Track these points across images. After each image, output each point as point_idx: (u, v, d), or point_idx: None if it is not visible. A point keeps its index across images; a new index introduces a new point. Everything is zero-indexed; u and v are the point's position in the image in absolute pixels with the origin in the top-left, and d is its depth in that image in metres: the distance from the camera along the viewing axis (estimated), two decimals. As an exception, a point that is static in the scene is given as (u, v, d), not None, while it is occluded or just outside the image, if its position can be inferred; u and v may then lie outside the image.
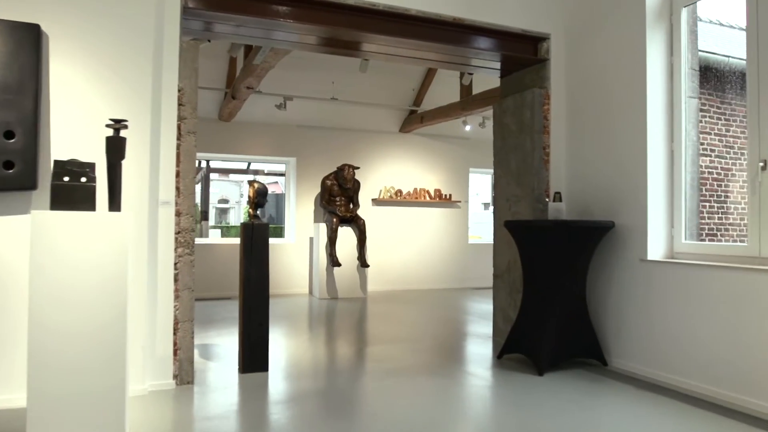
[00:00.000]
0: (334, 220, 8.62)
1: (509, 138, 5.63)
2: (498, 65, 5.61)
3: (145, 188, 3.86)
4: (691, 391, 3.94)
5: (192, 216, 4.09)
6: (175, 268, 4.00)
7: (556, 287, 4.56)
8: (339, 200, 8.90)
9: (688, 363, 4.00)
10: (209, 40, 5.84)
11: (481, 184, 17.14)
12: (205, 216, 11.00)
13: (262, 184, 4.54)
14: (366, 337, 6.19)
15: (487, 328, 6.37)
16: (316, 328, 6.65)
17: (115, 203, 3.03)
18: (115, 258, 2.81)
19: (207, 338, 5.73)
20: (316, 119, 9.38)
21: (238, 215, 38.12)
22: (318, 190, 9.22)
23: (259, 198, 4.45)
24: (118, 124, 3.05)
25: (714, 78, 6.41)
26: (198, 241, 9.11)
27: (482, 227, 14.36)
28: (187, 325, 4.05)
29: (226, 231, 23.81)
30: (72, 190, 2.87)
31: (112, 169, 3.02)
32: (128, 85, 3.82)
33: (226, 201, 39.62)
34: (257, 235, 4.39)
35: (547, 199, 5.17)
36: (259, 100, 8.63)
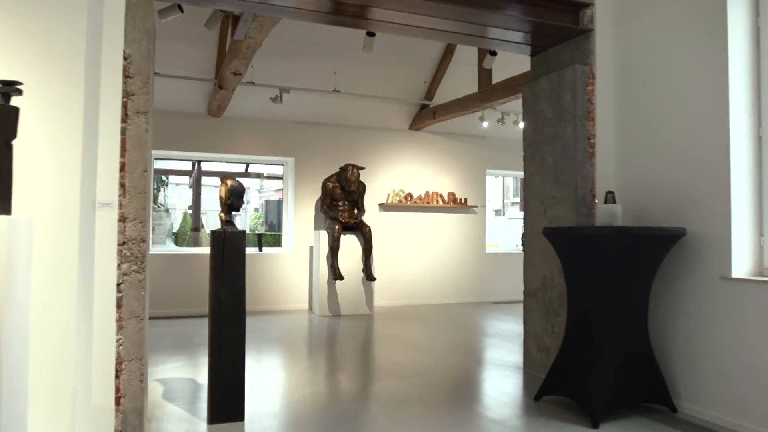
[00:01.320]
0: (336, 227, 7.66)
1: (545, 127, 4.65)
2: (528, 38, 4.65)
3: (75, 185, 2.90)
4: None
5: (143, 223, 3.14)
6: (118, 291, 3.05)
7: (611, 312, 3.57)
8: (342, 205, 7.94)
9: (800, 418, 3.00)
10: (181, 9, 4.92)
11: (490, 189, 16.14)
12: (195, 226, 9.82)
13: (237, 182, 3.59)
14: (371, 367, 5.21)
15: (514, 355, 5.37)
16: (313, 355, 5.67)
17: (2, 201, 2.08)
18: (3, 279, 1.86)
19: (176, 370, 4.77)
20: (316, 114, 8.44)
21: (245, 222, 37.39)
22: (319, 193, 8.26)
23: (232, 199, 3.50)
24: (7, 88, 2.11)
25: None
26: (181, 250, 8.14)
27: (496, 234, 13.36)
28: (135, 365, 3.09)
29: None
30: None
31: (-4, 152, 2.08)
32: (55, 45, 2.88)
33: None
34: (230, 246, 3.43)
35: (596, 201, 4.18)
36: (252, 92, 7.71)
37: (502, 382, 4.50)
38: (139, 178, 3.12)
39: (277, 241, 9.46)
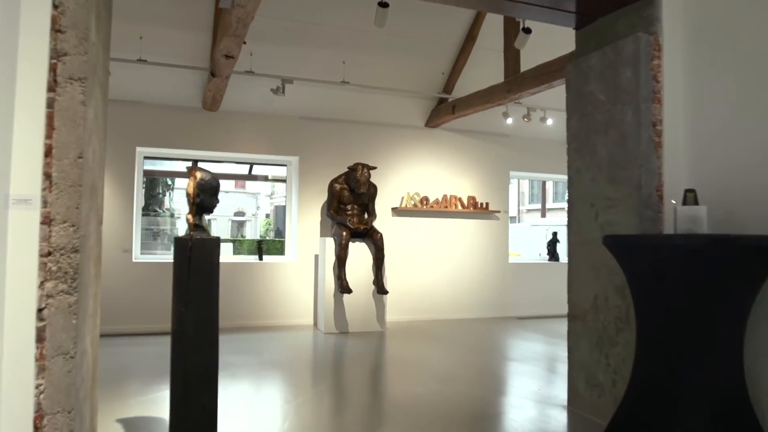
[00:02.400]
0: (344, 233, 6.83)
1: (595, 113, 3.80)
2: (574, 5, 3.82)
3: (-24, 174, 2.12)
4: None
5: (75, 226, 2.34)
6: (40, 318, 2.25)
7: (699, 347, 2.70)
8: (350, 209, 7.12)
9: None
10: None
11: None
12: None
13: (210, 175, 2.79)
14: (382, 403, 4.36)
15: (553, 388, 4.51)
16: (315, 384, 4.83)
17: None
18: None
19: (148, 405, 3.95)
20: (322, 109, 7.64)
21: (254, 229, 36.68)
22: (325, 196, 7.45)
23: (203, 197, 2.70)
24: None
25: None
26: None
27: (516, 243, 12.47)
28: (62, 419, 2.28)
29: (239, 246, 21.90)
30: None
31: None
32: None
33: (242, 213, 38.35)
34: (199, 257, 2.62)
35: (673, 201, 3.32)
36: (250, 83, 6.93)
37: (544, 427, 3.64)
38: (72, 166, 2.32)
39: (276, 250, 8.67)
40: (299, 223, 7.64)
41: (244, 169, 11.64)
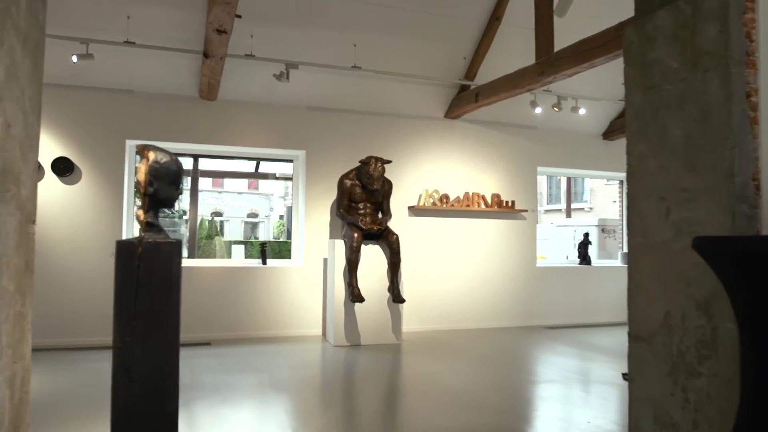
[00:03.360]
0: (355, 235, 6.11)
1: (666, 83, 3.04)
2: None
3: None
4: None
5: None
6: None
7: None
8: (362, 208, 6.41)
9: None
10: None
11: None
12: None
13: (167, 156, 2.09)
14: (399, 436, 3.64)
15: (605, 420, 3.75)
16: (322, 413, 4.11)
17: None
18: None
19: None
20: (331, 97, 6.93)
21: (268, 230, 36.07)
22: (334, 193, 6.74)
23: (156, 185, 2.00)
24: None
25: None
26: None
27: (541, 245, 11.67)
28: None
29: (250, 248, 21.15)
30: None
31: None
32: None
33: (255, 215, 37.85)
34: (151, 267, 1.92)
35: (757, 194, 2.57)
36: (251, 68, 6.26)
37: (603, 478, 2.89)
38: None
39: (282, 253, 7.99)
40: (306, 224, 6.94)
41: (250, 167, 11.02)
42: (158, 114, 6.37)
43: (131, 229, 6.50)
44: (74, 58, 5.48)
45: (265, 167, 10.55)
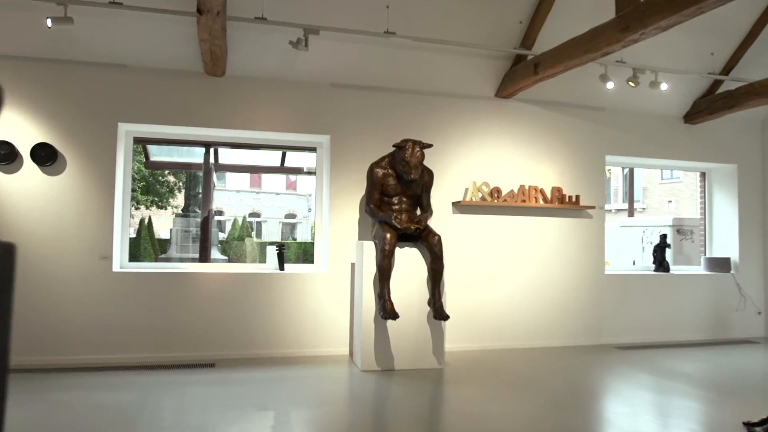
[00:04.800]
0: (388, 236, 4.98)
1: None
2: None
3: None
4: None
5: None
6: None
7: None
8: (397, 202, 5.29)
9: None
10: None
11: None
12: (204, 233, 7.16)
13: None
14: None
15: None
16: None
17: None
18: None
19: None
20: (359, 72, 5.84)
21: (305, 231, 35.29)
22: (364, 186, 5.63)
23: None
24: None
25: None
26: (152, 268, 5.69)
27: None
28: None
29: (287, 249, 20.02)
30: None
31: None
32: None
33: (293, 216, 37.19)
34: None
35: None
36: (264, 35, 5.24)
37: None
38: None
39: (304, 256, 6.94)
40: (332, 223, 5.87)
41: (275, 159, 10.03)
42: (156, 93, 5.40)
43: (126, 228, 5.56)
44: (48, 22, 4.54)
45: (292, 160, 9.54)
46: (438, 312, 4.97)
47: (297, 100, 5.76)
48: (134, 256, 13.60)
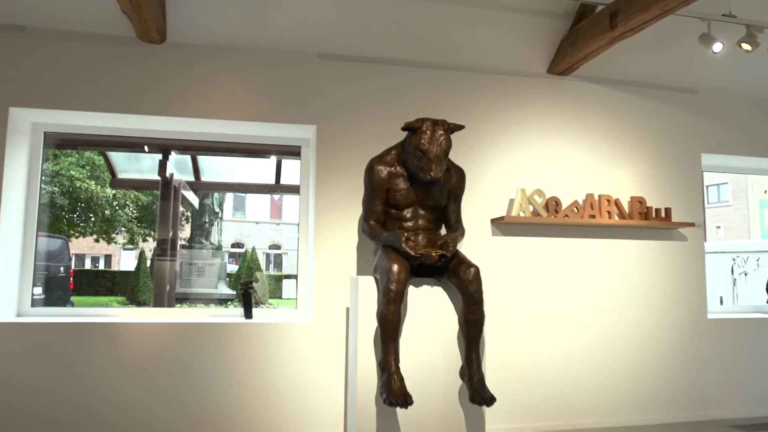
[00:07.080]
0: (395, 268, 3.14)
1: None
2: None
3: None
4: None
5: None
6: None
7: None
8: (410, 216, 3.49)
9: None
10: None
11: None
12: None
13: None
14: None
15: None
16: None
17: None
18: None
19: None
20: (356, 38, 4.15)
21: (291, 262, 33.57)
22: (361, 193, 3.86)
23: None
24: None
25: None
26: (66, 317, 3.91)
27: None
28: None
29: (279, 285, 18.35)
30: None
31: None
32: None
33: (278, 247, 35.67)
34: None
35: None
36: (211, -27, 3.61)
37: None
38: None
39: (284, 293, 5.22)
40: (317, 251, 4.12)
41: (267, 170, 8.33)
42: (66, 67, 3.80)
43: (28, 263, 3.90)
44: None
45: (287, 177, 7.81)
46: (477, 391, 3.07)
47: (270, 77, 4.09)
48: (133, 292, 12.21)
